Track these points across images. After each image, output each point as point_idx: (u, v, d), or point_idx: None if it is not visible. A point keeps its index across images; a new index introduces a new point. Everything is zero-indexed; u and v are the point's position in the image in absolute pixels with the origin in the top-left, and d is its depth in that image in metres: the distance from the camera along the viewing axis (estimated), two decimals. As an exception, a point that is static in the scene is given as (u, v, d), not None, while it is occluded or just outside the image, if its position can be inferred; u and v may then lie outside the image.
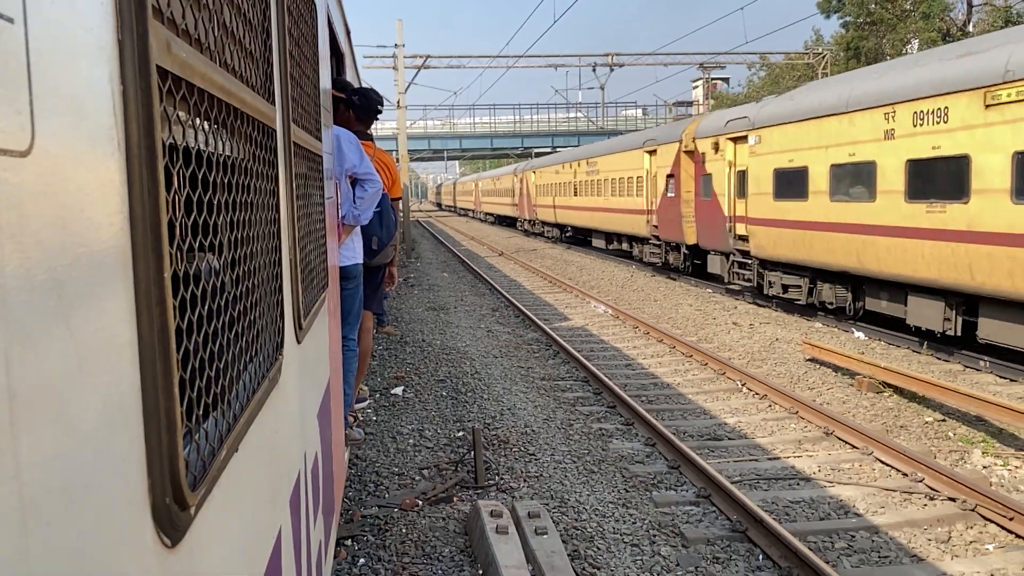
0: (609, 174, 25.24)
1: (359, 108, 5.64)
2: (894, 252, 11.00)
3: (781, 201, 13.88)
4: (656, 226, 20.72)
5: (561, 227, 33.76)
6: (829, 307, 13.16)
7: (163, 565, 0.99)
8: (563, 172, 31.68)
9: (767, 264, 14.87)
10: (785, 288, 14.22)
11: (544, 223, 36.84)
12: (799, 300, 13.90)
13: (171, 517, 1.00)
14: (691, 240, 18.42)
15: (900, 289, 11.30)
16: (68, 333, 0.76)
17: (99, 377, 0.83)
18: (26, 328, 0.68)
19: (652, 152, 20.95)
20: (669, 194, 19.49)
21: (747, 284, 15.88)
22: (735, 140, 15.93)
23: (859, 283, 12.49)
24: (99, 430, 0.83)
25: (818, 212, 12.79)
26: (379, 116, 6.01)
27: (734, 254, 16.14)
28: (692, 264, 19.12)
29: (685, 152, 18.34)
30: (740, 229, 15.85)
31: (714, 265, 17.39)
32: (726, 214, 16.31)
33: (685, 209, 18.49)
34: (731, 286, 16.86)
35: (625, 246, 24.84)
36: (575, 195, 29.68)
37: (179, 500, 1.02)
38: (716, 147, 16.59)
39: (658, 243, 20.96)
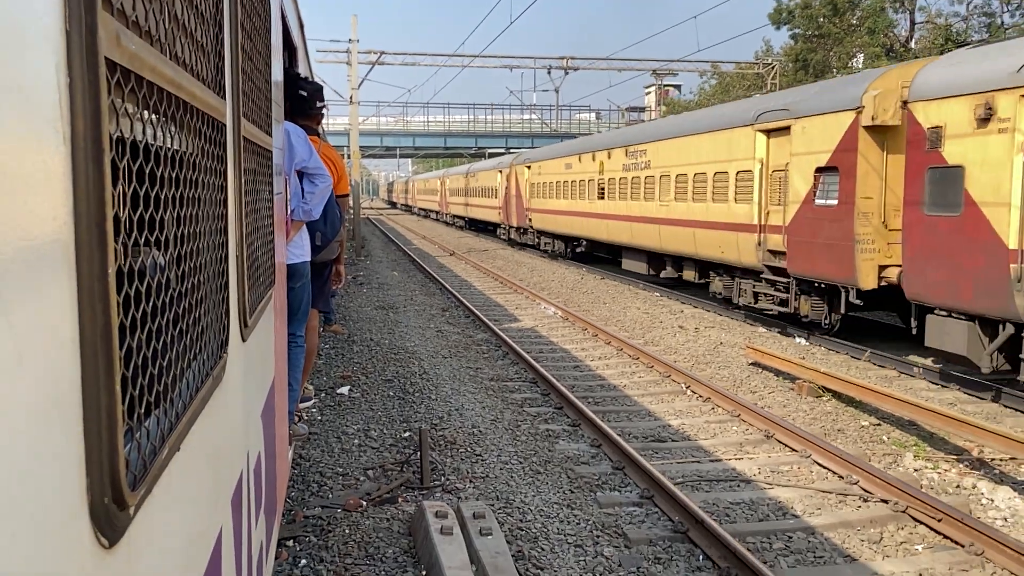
0: (673, 168, 16.85)
1: (301, 102, 5.43)
2: None
3: None
4: (781, 252, 12.86)
5: (569, 240, 25.79)
6: None
7: (100, 566, 0.97)
8: (579, 166, 23.74)
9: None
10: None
11: (541, 233, 28.47)
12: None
13: (109, 517, 0.98)
14: (869, 282, 10.93)
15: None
16: (7, 326, 0.75)
17: (38, 372, 0.82)
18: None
19: (774, 131, 13.22)
20: (819, 200, 11.85)
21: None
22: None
23: None
24: (36, 427, 0.81)
25: None
26: (323, 113, 5.91)
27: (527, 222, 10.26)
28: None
29: (869, 129, 10.80)
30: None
31: (952, 339, 9.15)
32: (1009, 245, 8.32)
33: (861, 227, 10.97)
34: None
35: (687, 273, 16.72)
36: (601, 198, 21.59)
37: (118, 500, 1.00)
38: (982, 114, 8.60)
39: (782, 279, 12.99)
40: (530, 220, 29.41)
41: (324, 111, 5.92)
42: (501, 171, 34.41)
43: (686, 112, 25.06)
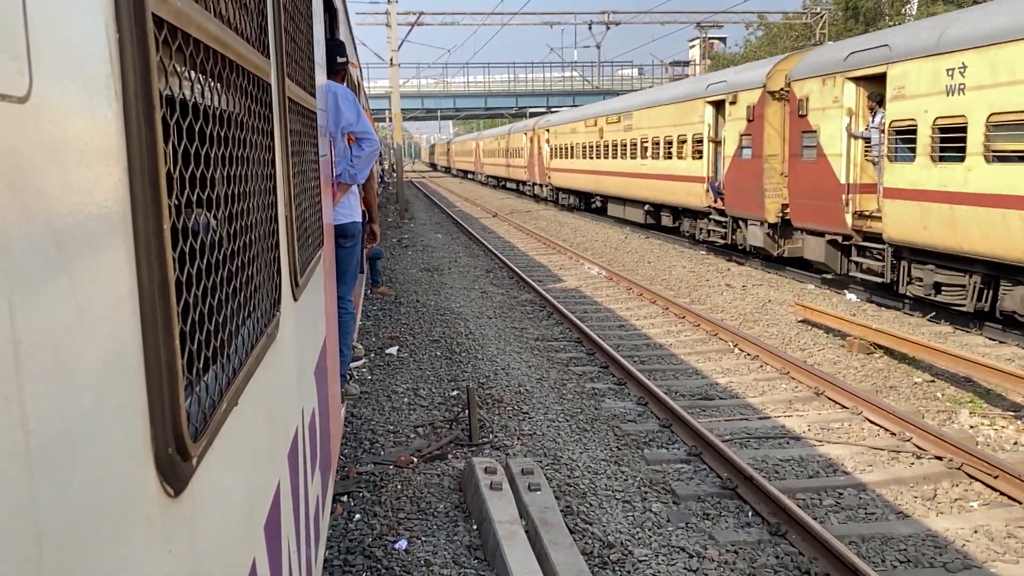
0: (649, 132, 20.59)
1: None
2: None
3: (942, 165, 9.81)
4: (720, 196, 16.40)
5: (581, 195, 29.45)
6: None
7: (166, 514, 1.00)
8: (583, 131, 27.16)
9: (908, 252, 10.84)
10: (938, 287, 10.27)
11: (559, 189, 32.04)
12: (961, 305, 9.98)
13: (173, 467, 1.01)
14: (773, 216, 14.17)
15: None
16: (69, 283, 0.76)
17: (100, 328, 0.84)
18: (28, 277, 0.68)
19: (718, 102, 16.48)
20: (743, 156, 15.08)
21: (872, 277, 11.67)
22: (860, 80, 11.73)
23: None
24: (101, 380, 0.83)
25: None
26: (345, 68, 5.84)
27: (853, 236, 11.96)
28: (778, 245, 14.35)
29: (773, 98, 14.16)
30: (865, 204, 11.85)
31: (815, 250, 12.97)
32: (842, 182, 11.98)
33: (769, 176, 14.22)
34: (847, 281, 12.74)
35: (667, 219, 20.22)
36: (599, 157, 25.25)
37: (181, 451, 1.03)
38: (829, 91, 12.28)
39: (721, 218, 16.57)
40: (549, 178, 33.42)
41: (346, 66, 5.87)
42: (526, 134, 37.46)
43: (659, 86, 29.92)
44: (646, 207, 21.53)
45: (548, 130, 32.93)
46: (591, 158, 26.42)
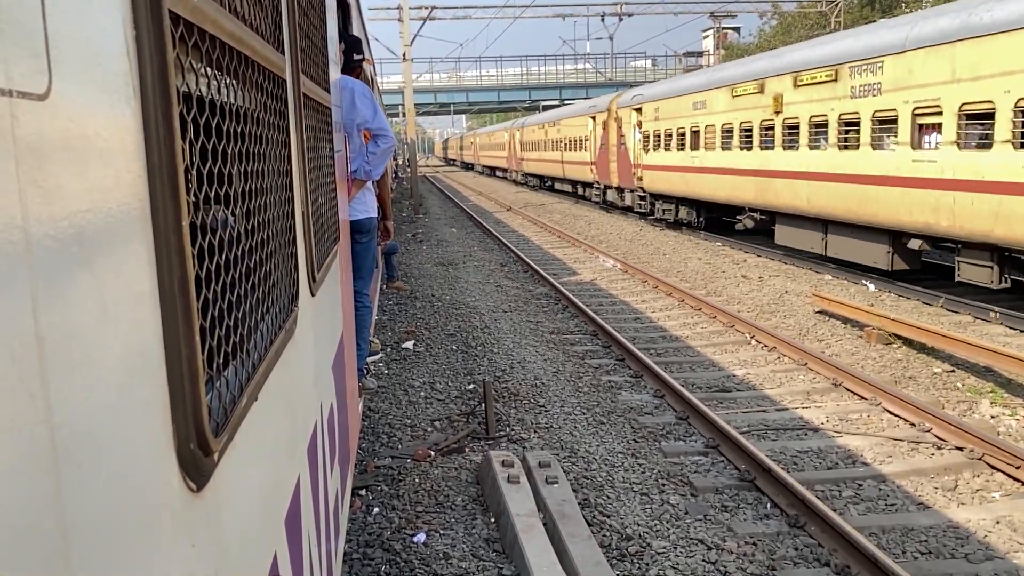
0: (566, 134, 31.19)
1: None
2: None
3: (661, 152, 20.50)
4: (595, 172, 27.35)
5: (538, 177, 39.32)
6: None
7: (189, 509, 1.01)
8: (538, 131, 36.85)
9: (657, 197, 21.39)
10: (664, 211, 21.01)
11: (527, 174, 41.83)
12: (668, 218, 20.73)
13: (196, 462, 1.01)
14: (615, 182, 24.96)
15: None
16: (92, 280, 0.77)
17: (122, 324, 0.84)
18: (51, 274, 0.69)
19: (593, 118, 27.16)
20: (601, 148, 26.23)
21: (642, 211, 22.90)
22: (638, 109, 22.22)
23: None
24: (124, 376, 0.83)
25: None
26: (362, 66, 5.84)
27: (637, 190, 22.89)
28: (618, 199, 25.06)
29: (611, 118, 24.86)
30: (640, 173, 22.33)
31: (625, 200, 24.51)
32: (632, 162, 22.99)
33: (611, 159, 24.92)
34: (635, 213, 23.73)
35: (571, 189, 32.34)
36: (544, 150, 35.76)
37: (203, 446, 1.04)
38: (627, 116, 23.24)
39: (598, 187, 27.64)
40: (522, 166, 35.38)
41: (362, 63, 5.87)
42: (507, 131, 35.31)
43: (571, 104, 36.82)
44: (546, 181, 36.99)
45: (520, 130, 34.00)
46: (540, 150, 37.36)
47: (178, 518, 0.97)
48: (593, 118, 27.42)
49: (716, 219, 19.18)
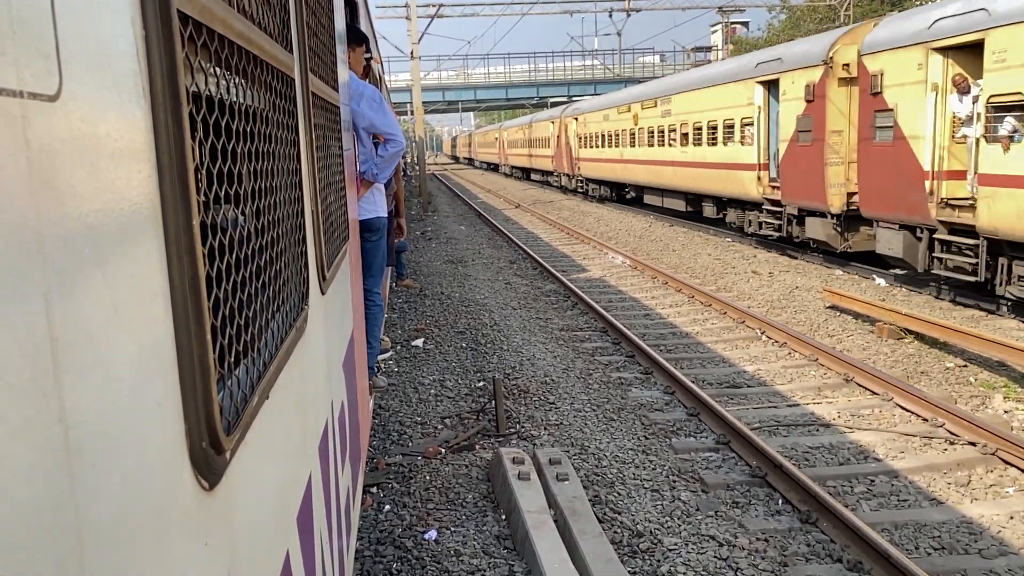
0: (691, 117, 19.12)
1: None
2: None
3: None
4: (774, 186, 15.14)
5: (520, 169, 34.58)
6: None
7: (202, 507, 1.01)
8: (616, 118, 25.92)
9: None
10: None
11: (589, 180, 30.38)
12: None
13: (208, 461, 1.02)
14: (837, 206, 12.95)
15: None
16: (103, 280, 0.77)
17: (134, 323, 0.84)
18: (64, 274, 0.69)
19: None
20: (801, 141, 13.72)
21: (962, 275, 10.22)
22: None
23: None
24: (136, 376, 0.84)
25: None
26: (368, 63, 5.85)
27: (938, 229, 10.56)
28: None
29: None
30: (954, 190, 10.36)
31: (891, 244, 11.46)
32: (926, 169, 10.54)
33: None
34: (931, 278, 11.28)
35: (709, 211, 18.79)
36: (633, 146, 24.16)
37: (215, 444, 1.04)
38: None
39: (776, 209, 15.15)
40: (579, 169, 32.25)
41: (370, 61, 5.88)
42: (553, 122, 35.69)
43: (707, 65, 27.41)
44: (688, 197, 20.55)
45: (575, 119, 30.94)
46: (624, 147, 25.54)
47: (191, 517, 0.97)
48: (553, 123, 34.48)
49: (619, 194, 27.61)
